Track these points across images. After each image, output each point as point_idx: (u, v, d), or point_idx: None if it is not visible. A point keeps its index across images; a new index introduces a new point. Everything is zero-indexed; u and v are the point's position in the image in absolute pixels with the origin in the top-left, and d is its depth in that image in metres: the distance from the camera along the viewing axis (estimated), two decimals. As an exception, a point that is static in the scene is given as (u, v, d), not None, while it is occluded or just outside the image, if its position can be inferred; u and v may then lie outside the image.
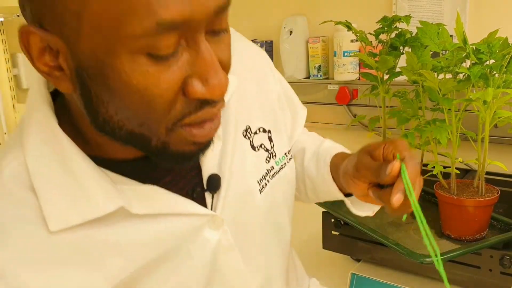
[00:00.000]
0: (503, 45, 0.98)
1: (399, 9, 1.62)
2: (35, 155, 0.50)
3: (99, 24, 0.42)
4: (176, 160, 0.51)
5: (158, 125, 0.47)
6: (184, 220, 0.56)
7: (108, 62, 0.43)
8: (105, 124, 0.48)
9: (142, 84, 0.44)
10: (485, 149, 1.05)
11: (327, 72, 1.82)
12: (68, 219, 0.49)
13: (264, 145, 0.66)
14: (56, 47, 0.45)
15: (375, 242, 1.19)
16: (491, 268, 1.05)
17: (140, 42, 0.42)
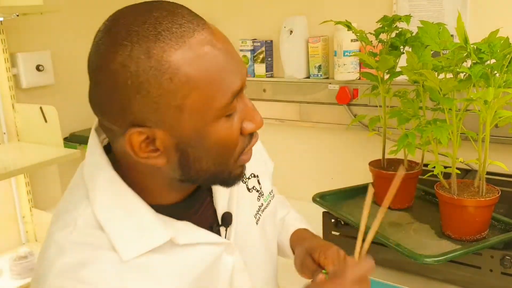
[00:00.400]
0: (504, 45, 0.98)
1: (400, 8, 1.62)
2: (103, 205, 0.66)
3: (198, 108, 0.60)
4: (234, 182, 0.71)
5: (231, 160, 0.67)
6: (209, 248, 0.73)
7: (205, 130, 0.62)
8: (195, 174, 0.66)
9: (225, 136, 0.64)
10: (486, 149, 1.05)
11: (327, 72, 1.82)
12: (136, 249, 0.65)
13: (255, 187, 0.85)
14: (154, 136, 0.61)
15: (375, 242, 1.18)
16: (491, 268, 1.04)
17: (224, 109, 0.62)
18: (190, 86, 0.59)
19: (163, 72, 0.58)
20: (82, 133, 2.12)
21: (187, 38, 0.59)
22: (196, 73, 0.59)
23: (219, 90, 0.61)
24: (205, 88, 0.59)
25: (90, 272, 0.62)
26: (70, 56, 2.15)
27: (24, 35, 1.99)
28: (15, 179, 1.98)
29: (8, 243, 1.99)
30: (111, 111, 0.63)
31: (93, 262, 0.63)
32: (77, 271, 0.62)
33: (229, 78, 0.62)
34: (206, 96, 0.60)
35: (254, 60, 1.95)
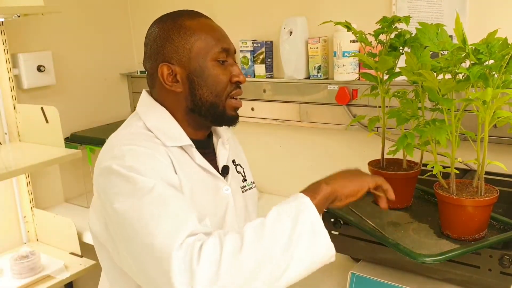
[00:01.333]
0: (503, 46, 0.98)
1: (399, 9, 1.62)
2: (151, 119, 1.04)
3: (201, 50, 1.02)
4: (230, 121, 1.07)
5: (222, 94, 1.04)
6: (215, 178, 1.09)
7: (205, 66, 1.02)
8: (199, 101, 1.03)
9: (217, 74, 1.03)
10: (485, 149, 1.06)
11: (327, 73, 1.82)
12: (172, 143, 1.02)
13: (241, 173, 1.20)
14: (175, 71, 1.03)
15: (374, 242, 1.19)
16: (490, 267, 1.05)
17: (215, 55, 1.03)
18: (196, 37, 1.02)
19: (181, 29, 1.02)
20: (83, 133, 2.12)
21: (196, 17, 1.06)
22: (200, 31, 1.03)
23: (213, 43, 1.02)
24: (205, 40, 1.02)
25: (147, 143, 0.97)
26: (71, 57, 2.15)
27: (25, 35, 2.00)
28: (16, 179, 1.99)
29: (9, 243, 2.00)
30: (151, 57, 1.05)
31: (148, 140, 0.99)
32: (137, 144, 0.96)
33: (220, 39, 1.04)
34: (205, 44, 1.02)
35: (254, 61, 1.96)
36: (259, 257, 0.81)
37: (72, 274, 1.80)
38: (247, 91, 2.00)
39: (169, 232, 0.82)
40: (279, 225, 0.84)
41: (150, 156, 0.95)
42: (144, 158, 0.94)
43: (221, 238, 0.82)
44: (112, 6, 2.29)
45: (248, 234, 0.83)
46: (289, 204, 0.88)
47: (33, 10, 1.76)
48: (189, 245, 0.81)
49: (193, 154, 1.05)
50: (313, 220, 0.87)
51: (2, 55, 1.87)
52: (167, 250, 0.80)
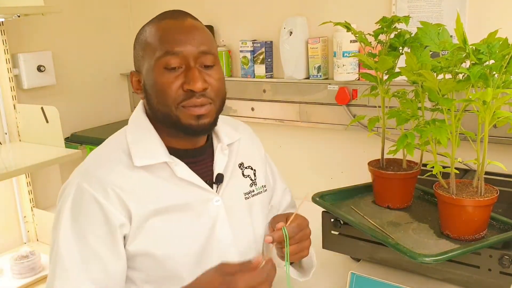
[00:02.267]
0: (503, 46, 0.98)
1: (399, 9, 1.62)
2: (132, 132, 1.00)
3: (148, 57, 0.96)
4: (189, 130, 0.96)
5: (170, 103, 0.94)
6: (201, 192, 1.00)
7: (153, 73, 0.95)
8: (154, 110, 0.97)
9: (164, 82, 0.94)
10: (485, 149, 1.06)
11: (326, 73, 1.82)
12: (143, 161, 0.95)
13: (250, 176, 1.12)
14: (138, 78, 0.99)
15: (374, 242, 1.19)
16: (490, 267, 1.05)
17: (160, 61, 0.94)
18: (147, 43, 0.96)
19: (141, 35, 0.99)
20: (83, 133, 2.12)
21: (162, 19, 0.98)
22: (152, 36, 0.96)
23: (158, 47, 0.94)
24: (152, 45, 0.95)
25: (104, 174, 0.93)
26: (71, 57, 2.16)
27: (25, 35, 2.00)
28: (16, 179, 1.99)
29: (9, 243, 2.00)
30: None
31: (113, 162, 0.95)
32: (88, 181, 0.92)
33: (168, 42, 0.94)
34: (152, 50, 0.95)
35: (254, 61, 1.96)
36: None
37: (72, 274, 1.79)
38: (247, 91, 2.01)
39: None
40: None
41: (89, 204, 0.91)
42: (79, 208, 0.91)
43: None
44: (112, 6, 2.29)
45: None
46: None
47: (33, 10, 1.76)
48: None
49: (174, 168, 0.97)
50: None
51: (2, 55, 1.87)
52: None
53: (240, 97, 2.02)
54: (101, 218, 0.91)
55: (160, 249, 0.95)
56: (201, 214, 0.99)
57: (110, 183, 0.92)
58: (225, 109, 2.20)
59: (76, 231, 0.90)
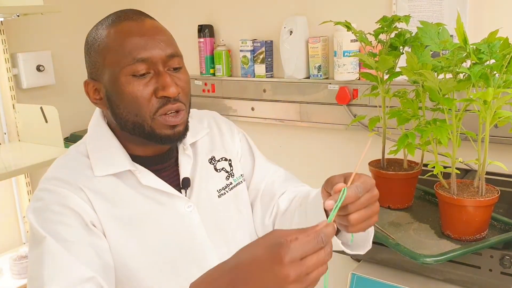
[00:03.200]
0: (504, 45, 0.98)
1: (399, 9, 1.62)
2: (91, 141, 0.96)
3: (111, 65, 0.88)
4: (165, 140, 0.89)
5: (145, 113, 0.87)
6: (169, 198, 0.93)
7: (119, 82, 0.87)
8: (122, 121, 0.89)
9: (135, 91, 0.87)
10: (485, 149, 1.05)
11: (327, 72, 1.82)
12: (105, 171, 0.90)
13: (225, 168, 1.03)
14: (96, 87, 0.91)
15: (375, 242, 1.19)
16: (491, 268, 1.05)
17: (129, 69, 0.86)
18: (108, 48, 0.89)
19: (97, 40, 0.91)
20: (82, 133, 2.11)
21: (120, 21, 0.91)
22: (114, 40, 0.88)
23: (125, 53, 0.87)
24: (117, 51, 0.87)
25: (71, 178, 0.89)
26: (71, 56, 2.15)
27: (24, 35, 1.99)
28: (15, 179, 1.98)
29: (8, 243, 2.00)
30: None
31: (71, 176, 0.89)
32: (55, 184, 0.87)
33: (135, 48, 0.87)
34: (117, 56, 0.87)
35: (254, 61, 1.96)
36: None
37: (72, 274, 1.79)
38: (247, 91, 2.01)
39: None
40: None
41: (58, 201, 0.86)
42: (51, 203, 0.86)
43: None
44: (112, 6, 2.28)
45: None
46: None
47: (32, 9, 1.75)
48: None
49: (138, 176, 0.91)
50: None
51: (1, 55, 1.87)
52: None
53: (240, 97, 2.02)
54: (71, 213, 0.85)
55: (127, 261, 0.88)
56: (172, 223, 0.93)
57: (77, 183, 0.88)
58: (225, 109, 2.21)
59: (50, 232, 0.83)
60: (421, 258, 1.00)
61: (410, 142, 1.10)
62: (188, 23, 2.08)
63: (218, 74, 2.04)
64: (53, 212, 0.85)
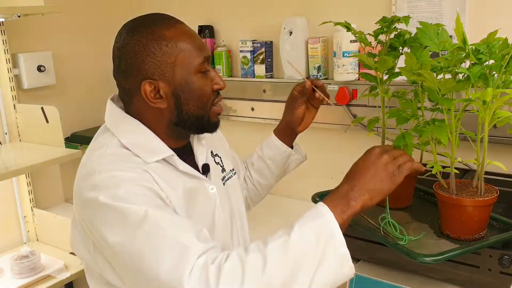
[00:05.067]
0: (503, 46, 0.98)
1: (399, 9, 1.62)
2: (125, 135, 0.98)
3: (183, 64, 0.96)
4: (213, 128, 1.05)
5: (207, 105, 1.01)
6: (201, 181, 1.06)
7: (190, 79, 0.97)
8: (186, 115, 1.00)
9: (202, 85, 0.99)
10: (484, 149, 1.06)
11: (326, 73, 1.82)
12: (152, 157, 0.97)
13: (219, 163, 1.17)
14: (158, 87, 0.96)
15: (374, 242, 1.19)
16: (490, 267, 1.05)
17: (198, 67, 0.98)
18: (179, 49, 0.96)
19: (162, 41, 0.95)
20: (83, 133, 2.12)
21: (173, 24, 0.99)
22: (181, 42, 0.96)
23: (196, 53, 0.97)
24: (187, 51, 0.96)
25: (127, 166, 0.92)
26: (71, 57, 2.16)
27: (25, 36, 2.00)
28: (16, 179, 1.99)
29: (9, 243, 2.00)
30: (131, 73, 0.97)
31: (127, 161, 0.94)
32: (117, 169, 0.91)
33: (200, 48, 0.99)
34: (188, 56, 0.96)
35: (254, 61, 1.96)
36: (283, 279, 0.80)
37: (72, 274, 1.80)
38: (247, 91, 2.01)
39: (174, 266, 0.80)
40: (303, 247, 0.82)
41: (134, 181, 0.90)
42: (129, 184, 0.88)
43: (242, 259, 0.80)
44: (112, 6, 2.29)
45: (271, 256, 0.81)
46: (313, 222, 0.85)
47: (33, 10, 1.76)
48: (201, 268, 0.79)
49: (175, 163, 1.00)
50: (337, 244, 0.85)
51: (2, 55, 1.88)
52: (176, 285, 0.79)
53: (240, 97, 2.02)
54: (149, 192, 0.90)
55: None
56: (206, 202, 1.05)
57: (139, 166, 0.93)
58: (225, 109, 2.21)
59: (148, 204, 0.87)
60: (420, 257, 1.00)
61: (407, 143, 1.10)
62: (188, 24, 2.06)
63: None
64: (132, 191, 0.88)
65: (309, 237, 0.83)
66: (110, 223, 0.86)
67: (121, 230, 0.85)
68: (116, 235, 0.85)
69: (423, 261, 1.00)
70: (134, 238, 0.83)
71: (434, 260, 1.00)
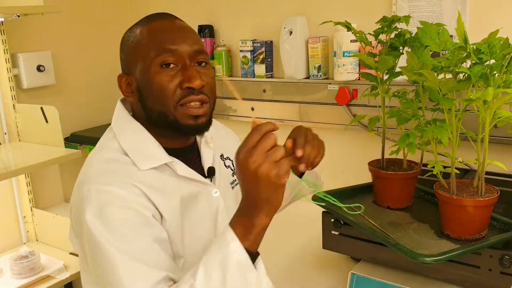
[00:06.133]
0: (504, 45, 0.98)
1: (399, 9, 1.62)
2: (125, 139, 0.98)
3: (143, 57, 0.95)
4: (187, 130, 0.97)
5: (169, 103, 0.94)
6: (200, 185, 1.02)
7: (149, 74, 0.94)
8: (149, 111, 0.96)
9: (162, 82, 0.93)
10: (485, 149, 1.06)
11: (327, 72, 1.82)
12: (148, 164, 0.95)
13: (230, 167, 1.15)
14: (128, 81, 0.98)
15: (375, 242, 1.19)
16: (490, 268, 1.05)
17: (157, 60, 0.93)
18: (140, 44, 0.96)
19: (131, 37, 0.98)
20: (82, 133, 2.12)
21: (151, 21, 0.98)
22: (146, 37, 0.96)
23: (155, 46, 0.94)
24: (147, 45, 0.95)
25: (117, 179, 0.91)
26: (71, 57, 2.15)
27: (25, 35, 2.00)
28: (16, 179, 1.99)
29: (9, 243, 2.00)
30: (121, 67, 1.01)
31: (119, 172, 0.93)
32: (107, 183, 0.90)
33: (164, 41, 0.94)
34: (147, 50, 0.95)
35: (254, 61, 1.96)
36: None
37: (72, 274, 1.80)
38: (247, 91, 2.01)
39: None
40: (211, 285, 0.81)
41: (120, 201, 0.89)
42: (114, 205, 0.89)
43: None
44: (112, 6, 2.29)
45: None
46: (218, 255, 0.82)
47: (33, 10, 1.76)
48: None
49: (174, 168, 0.98)
50: (246, 271, 0.82)
51: (1, 55, 1.87)
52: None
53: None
54: (131, 212, 0.89)
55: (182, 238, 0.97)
56: (207, 207, 1.03)
57: (128, 180, 0.91)
58: (225, 109, 2.21)
59: (115, 236, 0.87)
60: (421, 257, 1.00)
61: (411, 142, 1.10)
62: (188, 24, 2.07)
63: (218, 74, 2.04)
64: (114, 213, 0.88)
65: (214, 275, 0.81)
66: (85, 240, 0.91)
67: (90, 253, 0.90)
68: (88, 252, 0.91)
69: (424, 261, 1.00)
70: (96, 267, 0.89)
71: (435, 260, 1.00)
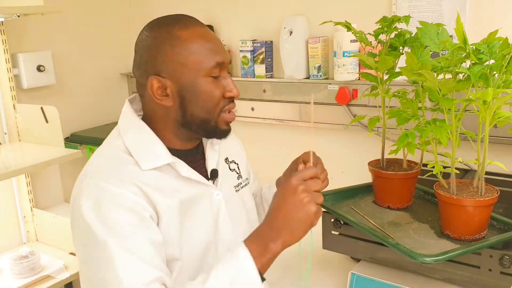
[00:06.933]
0: (503, 45, 0.98)
1: (399, 9, 1.62)
2: (130, 138, 1.00)
3: (193, 66, 0.97)
4: (221, 135, 1.04)
5: (215, 110, 1.00)
6: (202, 186, 1.04)
7: (198, 82, 0.97)
8: (190, 117, 0.99)
9: (210, 90, 0.98)
10: (485, 149, 1.06)
11: (327, 72, 1.82)
12: (150, 164, 0.97)
13: (235, 170, 1.19)
14: (165, 84, 0.97)
15: (375, 242, 1.19)
16: (490, 268, 1.05)
17: (208, 71, 0.97)
18: (190, 50, 0.97)
19: (175, 40, 0.97)
20: (83, 133, 2.12)
21: (191, 26, 0.99)
22: (194, 43, 0.97)
23: (207, 57, 0.97)
24: (199, 54, 0.97)
25: (116, 177, 0.93)
26: (71, 57, 2.16)
27: (25, 35, 2.00)
28: (16, 179, 1.99)
29: (9, 243, 2.00)
30: (143, 68, 0.99)
31: (120, 169, 0.95)
32: (106, 180, 0.92)
33: (214, 52, 0.98)
34: (199, 59, 0.97)
35: (254, 61, 1.96)
36: None
37: (72, 274, 1.80)
38: (247, 91, 2.01)
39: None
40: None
41: (118, 199, 0.91)
42: (112, 203, 0.90)
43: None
44: (112, 6, 2.29)
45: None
46: (230, 269, 0.86)
47: (33, 10, 1.76)
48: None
49: (177, 169, 1.00)
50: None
51: (2, 55, 1.87)
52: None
53: (240, 97, 2.02)
54: (127, 211, 0.90)
55: (180, 240, 0.98)
56: (208, 208, 1.04)
57: (128, 179, 0.93)
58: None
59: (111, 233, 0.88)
60: (421, 257, 1.00)
61: (410, 141, 1.10)
62: (188, 24, 2.08)
63: (218, 74, 2.05)
64: (109, 211, 0.90)
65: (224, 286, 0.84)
66: (81, 236, 0.92)
67: (83, 248, 0.92)
68: (80, 250, 0.93)
69: (424, 261, 1.00)
70: (90, 259, 0.90)
71: (435, 260, 1.00)
